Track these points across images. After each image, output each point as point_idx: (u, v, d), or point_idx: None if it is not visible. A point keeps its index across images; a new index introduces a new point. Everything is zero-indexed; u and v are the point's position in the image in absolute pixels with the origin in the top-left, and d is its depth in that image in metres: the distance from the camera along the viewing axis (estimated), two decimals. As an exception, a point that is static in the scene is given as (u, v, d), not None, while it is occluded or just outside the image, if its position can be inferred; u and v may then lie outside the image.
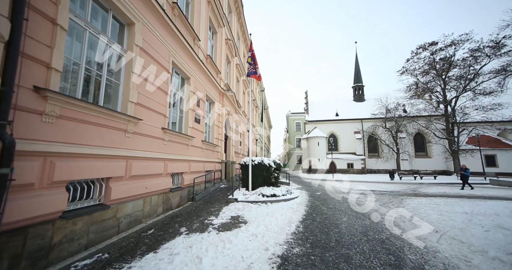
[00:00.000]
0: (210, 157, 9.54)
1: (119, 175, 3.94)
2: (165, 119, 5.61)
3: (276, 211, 5.90)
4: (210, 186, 9.15)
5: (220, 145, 11.21)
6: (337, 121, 34.45)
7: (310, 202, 7.59)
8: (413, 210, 6.37)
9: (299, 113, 50.74)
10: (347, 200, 8.00)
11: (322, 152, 31.02)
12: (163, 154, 5.46)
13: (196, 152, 7.84)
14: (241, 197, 7.26)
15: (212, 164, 9.71)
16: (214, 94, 10.28)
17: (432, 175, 17.86)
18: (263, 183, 8.99)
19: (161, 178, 5.39)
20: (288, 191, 8.52)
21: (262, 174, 8.98)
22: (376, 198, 8.63)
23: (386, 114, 24.55)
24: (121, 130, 4.03)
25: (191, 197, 7.04)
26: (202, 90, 8.60)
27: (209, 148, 9.35)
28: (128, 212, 4.09)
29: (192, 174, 7.30)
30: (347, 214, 5.82)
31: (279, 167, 9.54)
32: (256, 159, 9.04)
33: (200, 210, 5.84)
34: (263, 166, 8.98)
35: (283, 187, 9.43)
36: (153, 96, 5.10)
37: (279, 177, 9.77)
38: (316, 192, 10.31)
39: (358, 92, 39.47)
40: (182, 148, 6.73)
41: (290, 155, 51.32)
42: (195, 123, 7.86)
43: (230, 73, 14.33)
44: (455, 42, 20.42)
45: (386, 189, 12.14)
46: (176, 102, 6.82)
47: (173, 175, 6.38)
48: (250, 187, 8.43)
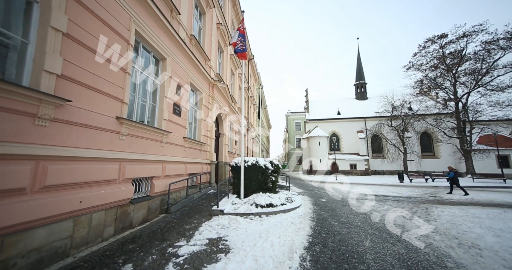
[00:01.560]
0: (196, 157, 8.06)
1: (18, 186, 2.45)
2: (122, 106, 4.13)
3: (273, 229, 4.41)
4: (194, 192, 7.66)
5: (210, 143, 9.73)
6: (339, 120, 32.97)
7: (315, 213, 6.11)
8: (452, 226, 4.89)
9: (299, 112, 49.32)
10: (362, 211, 6.52)
11: (323, 152, 29.53)
12: (117, 153, 3.98)
13: (174, 151, 6.35)
14: (229, 207, 5.77)
15: (198, 165, 8.23)
16: (201, 84, 8.81)
17: (444, 176, 16.40)
18: (258, 189, 7.51)
19: (114, 186, 3.91)
20: (288, 198, 7.03)
21: (256, 178, 7.50)
22: (395, 207, 7.15)
23: (392, 112, 23.08)
24: (28, 115, 2.56)
25: (165, 208, 5.54)
26: (183, 77, 7.12)
27: (194, 147, 7.87)
28: (36, 244, 2.58)
29: (167, 178, 5.81)
30: (368, 233, 4.33)
31: (277, 169, 8.05)
32: (250, 160, 7.56)
33: (170, 229, 4.35)
34: (258, 167, 7.50)
35: (282, 193, 7.94)
36: (97, 69, 3.61)
37: (277, 181, 8.29)
38: (321, 198, 8.83)
39: (360, 90, 38.04)
40: (153, 145, 5.25)
41: (290, 156, 49.84)
42: (174, 115, 6.39)
43: (223, 64, 12.87)
44: (467, 33, 19.01)
45: (399, 193, 10.66)
46: (144, 85, 5.34)
47: (138, 181, 4.89)
48: (242, 194, 6.94)
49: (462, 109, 20.48)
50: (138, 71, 5.00)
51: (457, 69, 20.54)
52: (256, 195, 6.89)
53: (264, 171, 7.62)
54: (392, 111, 23.24)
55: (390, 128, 23.34)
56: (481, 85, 19.24)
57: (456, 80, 20.60)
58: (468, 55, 19.79)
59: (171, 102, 6.27)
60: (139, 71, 5.03)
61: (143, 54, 5.32)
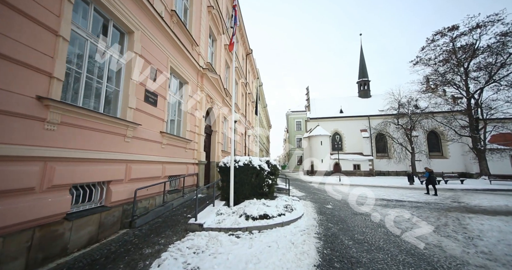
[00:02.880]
0: (179, 156, 6.83)
1: None
2: (50, 83, 2.90)
3: (265, 254, 3.17)
4: (176, 198, 6.42)
5: (198, 140, 8.50)
6: (342, 119, 31.67)
7: (321, 225, 4.86)
8: (507, 247, 3.64)
9: (299, 111, 48.12)
10: (379, 221, 5.27)
11: (325, 152, 28.25)
12: (39, 149, 2.75)
13: (147, 148, 5.12)
14: (212, 220, 4.53)
15: (181, 166, 7.00)
16: (187, 72, 7.59)
17: (457, 178, 15.10)
18: (252, 194, 6.27)
19: (31, 197, 2.67)
20: (287, 206, 5.78)
21: (249, 181, 6.26)
22: (417, 216, 5.89)
23: (398, 110, 21.75)
24: None
25: (129, 221, 4.31)
26: (162, 60, 5.90)
27: (176, 144, 6.64)
28: None
29: (133, 182, 4.58)
30: (400, 262, 3.08)
31: (274, 170, 6.81)
32: (241, 159, 6.33)
33: (121, 255, 3.11)
34: (251, 168, 6.27)
35: (281, 199, 6.69)
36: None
37: (274, 184, 7.05)
38: (326, 204, 7.58)
39: (363, 88, 36.71)
40: (112, 140, 4.02)
41: (290, 156, 48.60)
42: (147, 104, 5.16)
43: (216, 54, 11.65)
44: (481, 24, 17.71)
45: (415, 198, 9.39)
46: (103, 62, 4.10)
47: (85, 187, 3.65)
48: (232, 201, 5.71)
49: (474, 106, 19.15)
50: (88, 41, 3.76)
51: (469, 63, 19.22)
52: (248, 202, 5.65)
53: (258, 173, 6.38)
54: (398, 109, 21.91)
55: (397, 126, 22.03)
56: (495, 80, 17.92)
57: (468, 75, 19.28)
58: (481, 48, 18.47)
59: (143, 88, 5.05)
60: (89, 40, 3.79)
61: (94, 17, 4.05)
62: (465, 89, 19.59)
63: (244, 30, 18.93)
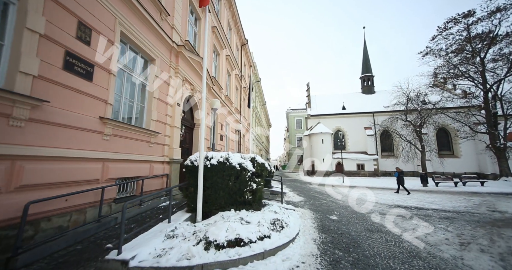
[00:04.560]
0: (137, 152, 5.19)
1: None
2: None
3: None
4: (129, 207, 4.76)
5: (171, 134, 6.87)
6: (344, 116, 29.84)
7: (326, 255, 3.19)
8: None
9: (300, 109, 46.45)
10: (404, 241, 3.59)
11: (326, 151, 26.49)
12: None
13: (63, 138, 3.48)
14: (150, 250, 2.85)
15: (141, 165, 5.36)
16: (151, 45, 5.94)
17: (477, 179, 13.35)
18: (229, 203, 4.62)
19: None
20: (276, 220, 4.11)
21: (226, 185, 4.60)
22: (457, 234, 4.21)
23: (406, 105, 19.94)
24: None
25: (6, 257, 2.64)
26: (101, 16, 4.25)
27: (132, 136, 5.00)
28: None
29: (25, 191, 2.94)
30: None
31: (262, 170, 5.15)
32: (215, 156, 4.66)
33: None
34: (228, 168, 4.61)
35: (269, 209, 5.02)
36: None
37: (262, 189, 5.36)
38: (330, 214, 5.91)
39: (367, 84, 34.82)
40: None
41: (290, 155, 46.90)
42: (67, 74, 3.52)
43: (201, 34, 9.99)
44: (501, 7, 15.90)
45: (439, 204, 7.69)
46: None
47: None
48: (199, 213, 4.07)
49: (492, 99, 17.35)
50: None
51: (486, 53, 17.42)
52: (220, 216, 3.99)
53: (239, 174, 4.71)
54: (406, 104, 20.08)
55: (405, 123, 20.23)
56: (516, 71, 16.10)
57: (485, 66, 17.47)
58: (500, 35, 16.66)
59: (61, 50, 3.41)
60: None
61: None
62: (481, 82, 17.78)
63: (238, 17, 17.28)
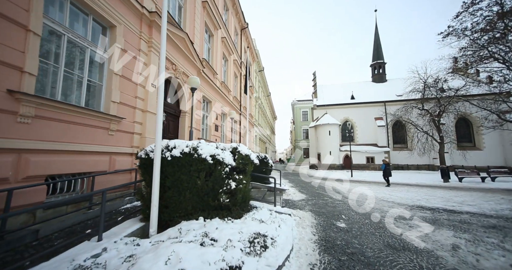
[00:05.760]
0: (86, 141, 4.03)
1: None
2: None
3: None
4: (68, 212, 3.65)
5: (143, 120, 5.68)
6: (353, 106, 27.94)
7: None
8: None
9: (306, 100, 44.54)
10: None
11: (334, 143, 24.95)
12: None
13: None
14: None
15: (96, 157, 4.22)
16: (110, 9, 4.65)
17: (509, 174, 11.66)
18: (199, 207, 3.42)
19: None
20: (256, 237, 2.88)
21: (194, 183, 3.37)
22: None
23: (424, 92, 17.95)
24: None
25: None
26: None
27: (75, 120, 3.82)
28: None
29: None
30: None
31: (245, 163, 3.89)
32: (180, 145, 3.42)
33: None
34: (196, 161, 3.37)
35: (253, 217, 3.76)
36: None
37: (247, 189, 4.09)
38: (337, 220, 4.63)
39: (378, 71, 32.45)
40: None
41: (297, 148, 45.49)
42: None
43: (187, 8, 8.59)
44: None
45: (473, 206, 6.26)
46: None
47: None
48: (154, 223, 2.90)
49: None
50: None
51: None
52: (177, 230, 2.79)
53: (212, 170, 3.47)
54: (424, 91, 18.08)
55: (421, 112, 18.32)
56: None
57: (519, 45, 15.20)
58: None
59: None
60: None
61: None
62: (513, 64, 15.58)
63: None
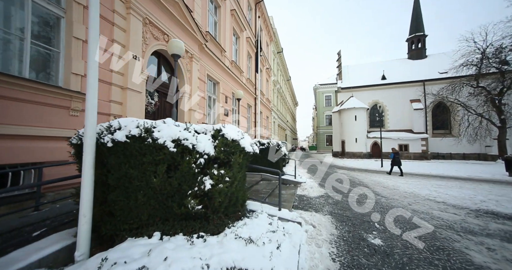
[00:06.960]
0: (36, 123, 3.10)
1: None
2: None
3: None
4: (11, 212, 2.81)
5: (123, 100, 4.69)
6: (384, 87, 24.60)
7: None
8: None
9: (329, 84, 41.08)
10: None
11: (360, 129, 22.43)
12: None
13: None
14: None
15: (52, 144, 3.31)
16: None
17: None
18: (158, 215, 2.26)
19: None
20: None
21: (147, 181, 2.20)
22: None
23: (480, 65, 14.45)
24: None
25: None
26: None
27: (15, 95, 2.86)
28: None
29: None
30: None
31: (229, 153, 2.60)
32: (129, 125, 2.24)
33: None
34: (151, 149, 2.16)
35: (240, 232, 2.52)
36: None
37: (237, 188, 2.83)
38: (368, 232, 3.23)
39: (416, 47, 27.85)
40: None
41: (318, 135, 43.01)
42: None
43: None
44: None
45: None
46: None
47: None
48: (84, 243, 1.81)
49: None
50: None
51: None
52: (99, 262, 1.68)
53: (177, 161, 2.27)
54: (481, 63, 14.59)
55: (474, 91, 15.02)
56: None
57: None
58: None
59: None
60: None
61: None
62: None
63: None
